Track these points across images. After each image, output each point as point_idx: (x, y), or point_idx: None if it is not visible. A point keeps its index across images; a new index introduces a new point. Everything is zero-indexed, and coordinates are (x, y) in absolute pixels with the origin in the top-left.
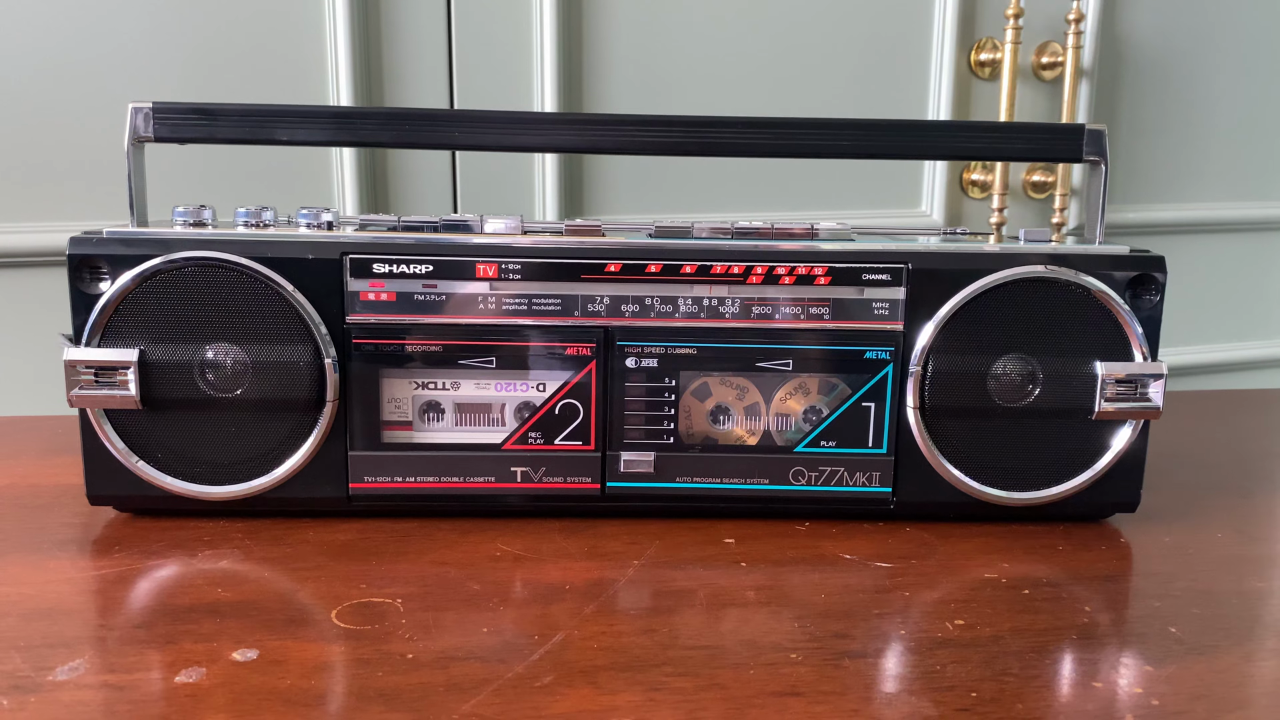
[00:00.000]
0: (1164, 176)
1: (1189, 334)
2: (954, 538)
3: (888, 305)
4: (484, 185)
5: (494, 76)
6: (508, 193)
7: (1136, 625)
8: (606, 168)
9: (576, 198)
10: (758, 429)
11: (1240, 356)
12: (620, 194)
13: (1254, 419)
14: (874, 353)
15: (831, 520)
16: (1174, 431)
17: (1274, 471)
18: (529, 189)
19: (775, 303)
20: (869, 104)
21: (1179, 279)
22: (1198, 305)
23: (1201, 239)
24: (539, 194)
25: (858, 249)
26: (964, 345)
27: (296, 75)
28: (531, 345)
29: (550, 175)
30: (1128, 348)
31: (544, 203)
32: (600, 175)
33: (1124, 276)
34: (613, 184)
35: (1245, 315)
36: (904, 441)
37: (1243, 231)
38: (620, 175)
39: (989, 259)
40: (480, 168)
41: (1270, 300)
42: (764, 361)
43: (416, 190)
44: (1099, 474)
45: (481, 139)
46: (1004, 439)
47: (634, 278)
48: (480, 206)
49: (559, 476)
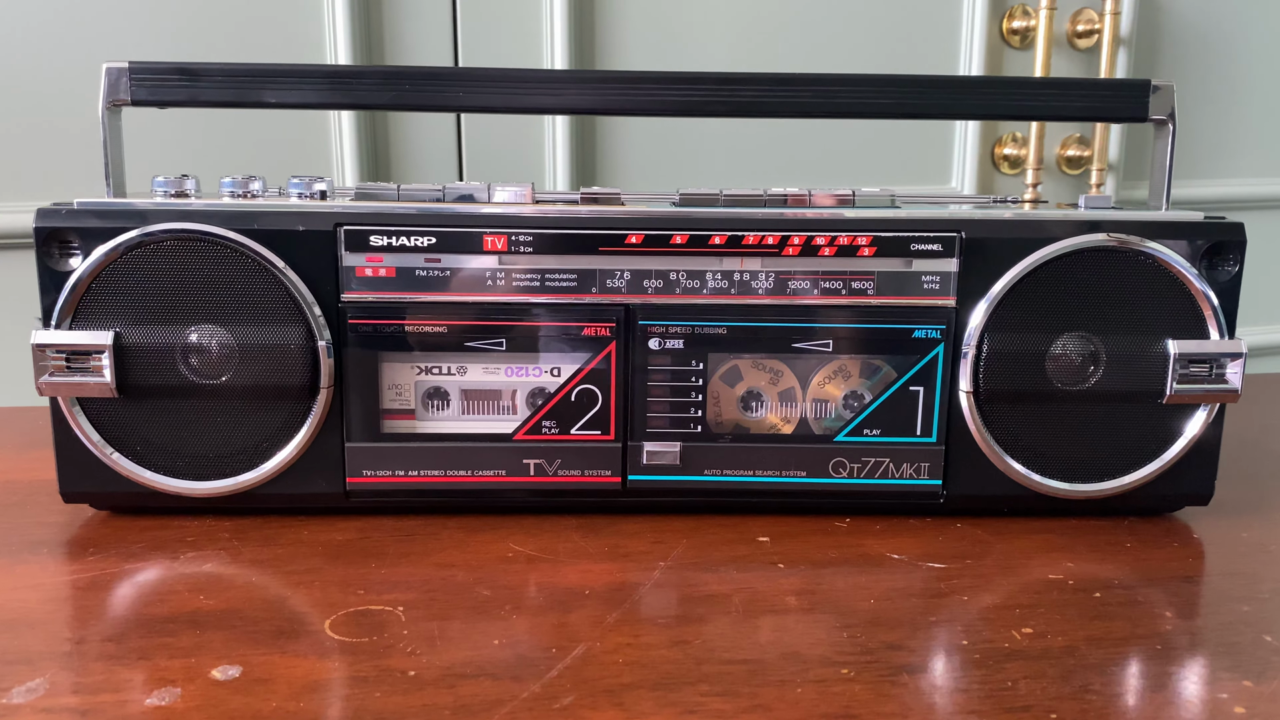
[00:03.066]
0: (1207, 151)
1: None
2: (1010, 534)
3: (939, 279)
4: (491, 152)
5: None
6: (517, 160)
7: (1226, 633)
8: (622, 133)
9: (590, 166)
10: (793, 416)
11: None
12: (637, 162)
13: None
14: (923, 331)
15: (875, 516)
16: (1245, 416)
17: None
18: (539, 156)
19: (814, 276)
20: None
21: None
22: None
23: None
24: (549, 161)
25: (905, 216)
26: (1023, 322)
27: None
28: (545, 325)
29: (561, 141)
30: (1202, 324)
31: (555, 171)
32: (616, 141)
33: (1198, 245)
34: (629, 151)
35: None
36: (956, 429)
37: None
38: (637, 141)
39: (1050, 227)
40: (487, 133)
41: None
42: (801, 342)
43: (420, 158)
44: (1169, 463)
45: (487, 100)
46: (1065, 426)
47: (657, 250)
48: (488, 175)
49: (576, 469)
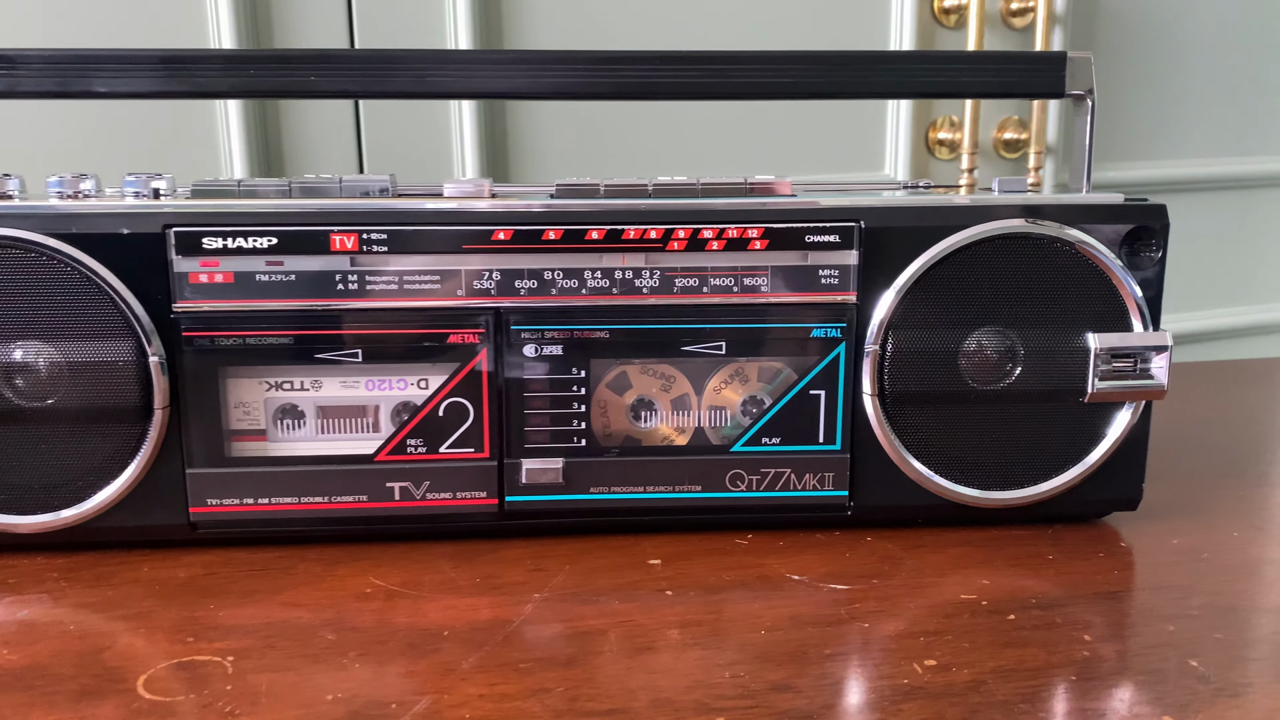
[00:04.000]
0: (1144, 131)
1: (1176, 300)
2: (924, 548)
3: (837, 272)
4: (394, 142)
5: (400, 11)
6: (422, 150)
7: (1150, 658)
8: (535, 119)
9: (501, 155)
10: (688, 426)
11: (1230, 323)
12: (553, 150)
13: (1259, 392)
14: (822, 330)
15: (779, 531)
16: (1171, 410)
17: (1263, 455)
18: (445, 145)
19: (702, 273)
20: None
21: None
22: (1183, 269)
23: (1184, 198)
24: (456, 150)
25: (799, 205)
26: (930, 318)
27: (171, 20)
28: (405, 333)
29: (469, 128)
30: (1124, 315)
31: (463, 160)
32: (529, 127)
33: (1118, 230)
34: (544, 138)
35: (1235, 278)
36: (861, 435)
37: (1228, 190)
38: (552, 128)
39: (957, 214)
40: (389, 121)
41: (1261, 261)
42: (691, 345)
43: (316, 150)
44: (1093, 467)
45: (346, 85)
46: (980, 429)
47: (528, 247)
48: (391, 167)
49: (446, 492)
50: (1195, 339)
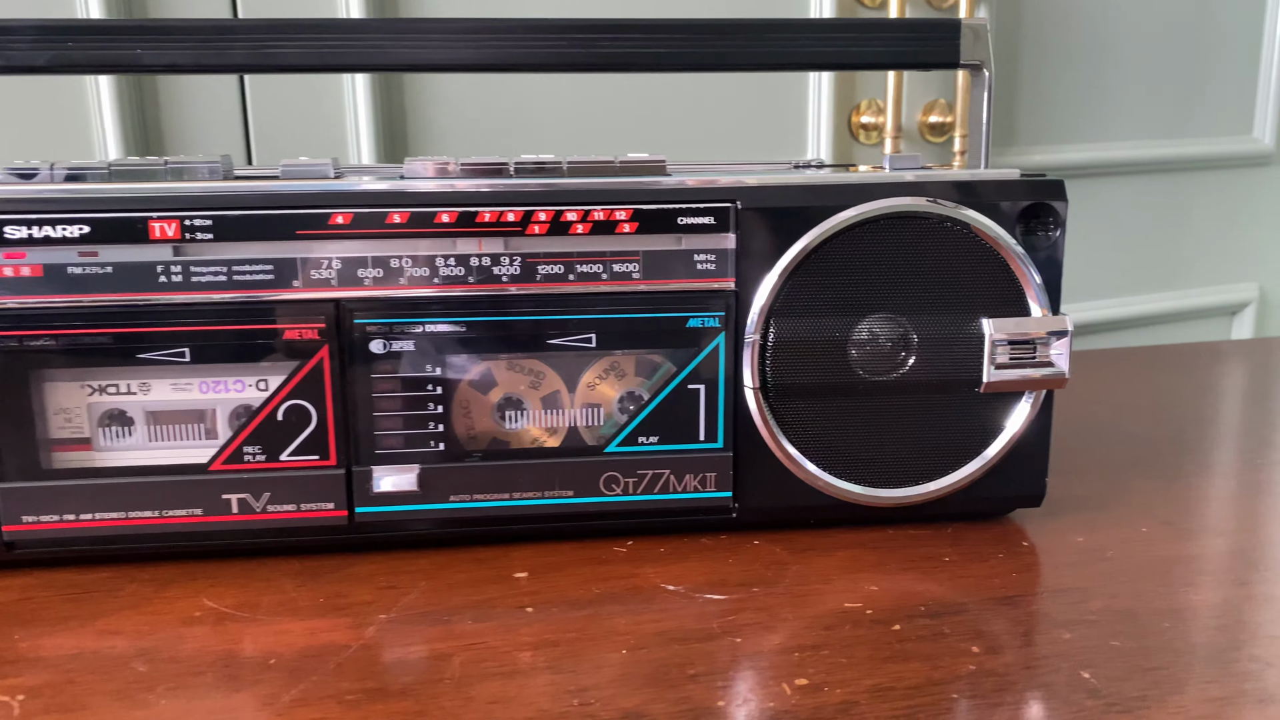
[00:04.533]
0: (1074, 114)
1: (1101, 286)
2: (813, 552)
3: (713, 257)
4: (284, 123)
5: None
6: (315, 131)
7: (1040, 670)
8: (435, 93)
9: (399, 133)
10: (560, 426)
11: (1162, 309)
12: (455, 128)
13: (1177, 379)
14: (699, 319)
15: (661, 537)
16: (1084, 399)
17: (1205, 441)
18: (339, 125)
19: (567, 259)
20: None
21: (1088, 226)
22: (1109, 254)
23: (1116, 181)
24: (351, 128)
25: (669, 185)
26: (814, 305)
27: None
28: (236, 329)
29: (363, 107)
30: (1022, 299)
31: (358, 140)
32: (429, 104)
33: (1013, 207)
34: (446, 115)
35: (1166, 262)
36: (744, 432)
37: (1159, 173)
38: (455, 103)
39: (841, 193)
40: (276, 98)
41: (1193, 245)
42: (558, 338)
43: (198, 130)
44: (992, 462)
45: (190, 56)
46: (872, 423)
47: (371, 232)
48: (280, 147)
49: (289, 504)
50: (1127, 325)
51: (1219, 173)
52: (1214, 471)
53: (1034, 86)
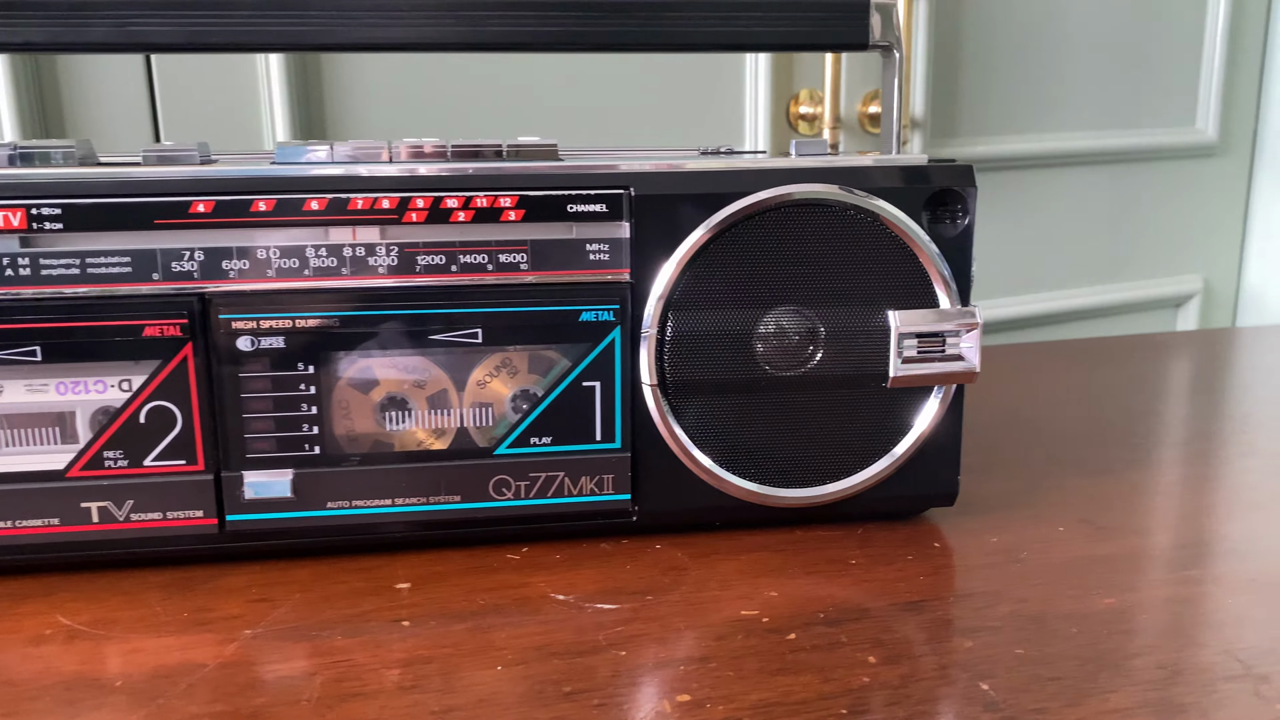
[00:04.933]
0: (1015, 105)
1: (1046, 278)
2: (716, 555)
3: (607, 246)
4: (195, 105)
5: None
6: (228, 114)
7: (937, 682)
8: (354, 73)
9: (317, 114)
10: (448, 426)
11: (1102, 301)
12: (377, 116)
13: (1112, 372)
14: (593, 313)
15: (558, 542)
16: (1013, 393)
17: (1134, 436)
18: (254, 108)
19: (449, 249)
20: None
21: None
22: (1054, 245)
23: (1062, 172)
24: (265, 111)
25: (558, 170)
26: (715, 297)
27: None
28: (91, 325)
29: (278, 89)
30: (929, 290)
31: (273, 122)
32: (347, 84)
33: (919, 194)
34: (365, 96)
35: (1113, 254)
36: (643, 431)
37: (1107, 164)
38: (375, 84)
39: (741, 179)
40: (187, 80)
41: (1140, 237)
42: (440, 333)
43: (103, 113)
44: (901, 459)
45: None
46: (777, 420)
47: (236, 221)
48: (191, 130)
49: (155, 512)
50: (1072, 317)
51: (1163, 164)
52: (1140, 467)
53: (977, 77)
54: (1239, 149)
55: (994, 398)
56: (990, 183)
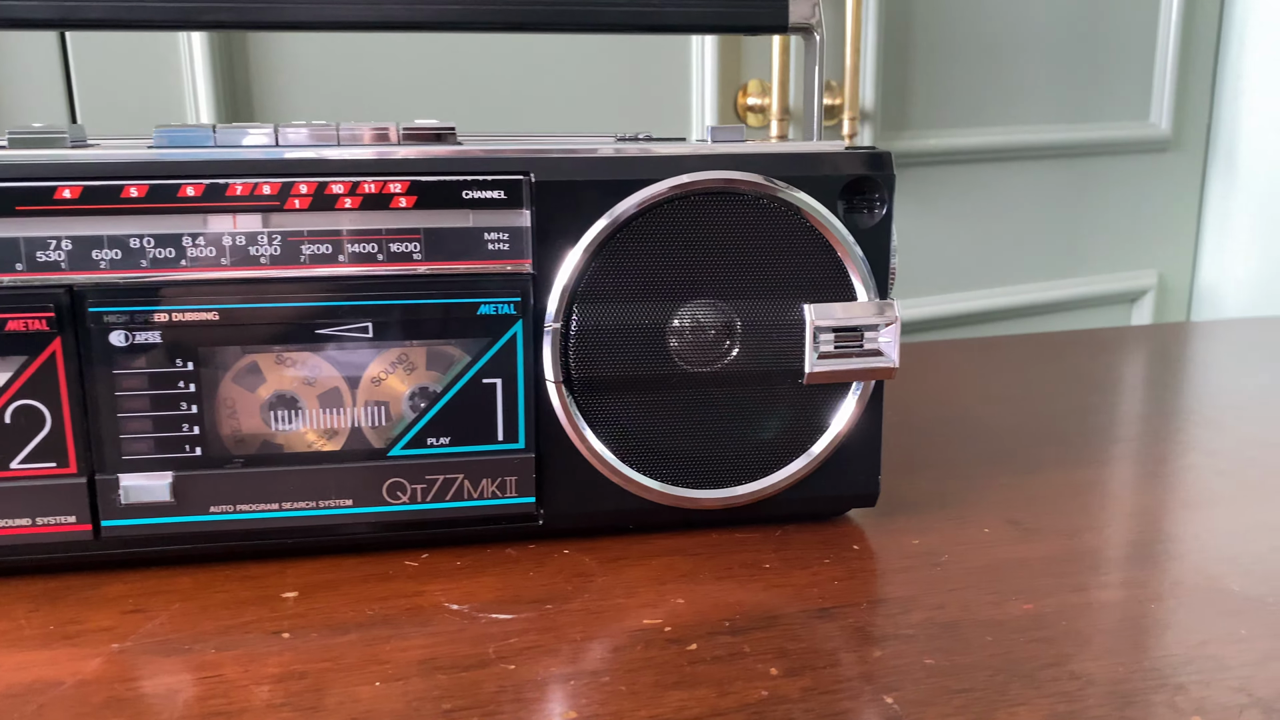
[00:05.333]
0: (967, 98)
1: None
2: (625, 561)
3: (506, 235)
4: (112, 85)
5: None
6: (148, 95)
7: (838, 695)
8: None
9: (244, 102)
10: (341, 427)
11: (1056, 296)
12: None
13: (1057, 369)
14: (492, 306)
15: (462, 548)
16: (951, 389)
17: (1072, 433)
18: (177, 89)
19: (336, 238)
20: None
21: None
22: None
23: (1012, 167)
24: (189, 92)
25: (453, 154)
26: (623, 289)
27: None
28: None
29: (201, 69)
30: (846, 283)
31: (196, 107)
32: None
33: (835, 182)
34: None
35: (1068, 249)
36: (548, 431)
37: (1060, 158)
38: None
39: (650, 165)
40: (104, 59)
41: (1088, 232)
42: (328, 327)
43: (15, 94)
44: (819, 459)
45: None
46: (690, 418)
47: (106, 207)
48: (109, 113)
49: (23, 518)
50: (1026, 312)
51: (1117, 158)
52: (1075, 465)
53: (930, 69)
54: (1193, 143)
55: (930, 394)
56: (943, 176)
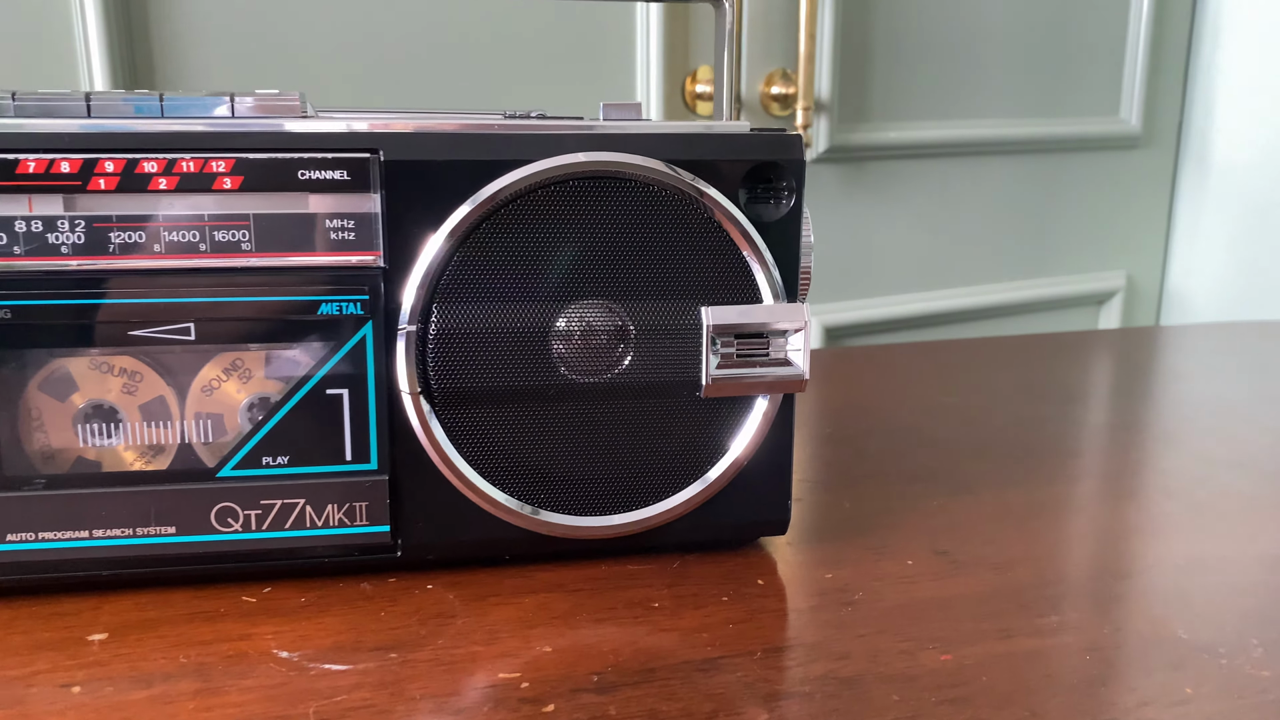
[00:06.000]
0: (932, 89)
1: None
2: (496, 598)
3: (352, 223)
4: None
5: None
6: (40, 54)
7: None
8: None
9: (144, 61)
10: (168, 442)
11: (1023, 297)
12: (214, 59)
13: (1012, 375)
14: (336, 305)
15: (311, 581)
16: (889, 400)
17: (1020, 449)
18: (69, 47)
19: (150, 224)
20: None
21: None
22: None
23: (978, 162)
24: (81, 54)
25: (287, 129)
26: (492, 285)
27: None
28: None
29: (94, 25)
30: (750, 283)
31: (89, 67)
32: (178, 28)
33: (736, 168)
34: (200, 44)
35: (1029, 249)
36: (405, 449)
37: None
38: (210, 30)
39: (521, 144)
40: None
41: (1056, 231)
42: (143, 328)
43: None
44: (719, 483)
45: None
46: (574, 436)
47: None
48: (11, 77)
49: None
50: (991, 314)
51: (1085, 155)
52: (1016, 484)
53: (888, 58)
54: (1164, 141)
55: (869, 403)
56: (903, 171)
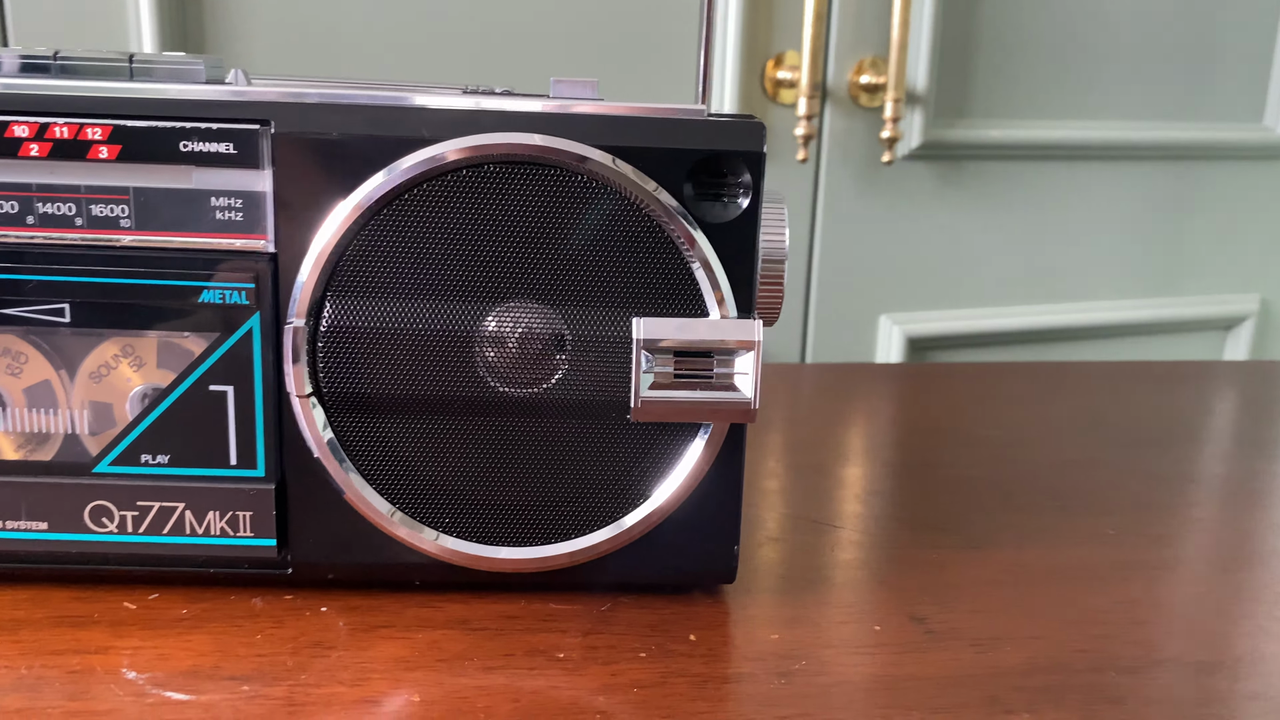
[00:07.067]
0: (1045, 85)
1: (1073, 287)
2: (389, 629)
3: (240, 202)
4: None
5: None
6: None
7: None
8: None
9: (195, 26)
10: (54, 430)
11: (1141, 318)
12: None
13: (1085, 403)
14: (218, 293)
15: (204, 589)
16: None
17: (1049, 499)
18: (119, 10)
19: (20, 194)
20: None
21: (1062, 216)
22: (1086, 250)
23: (1097, 167)
24: (132, 21)
25: (168, 94)
26: (397, 278)
27: None
28: None
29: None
30: (694, 292)
31: (139, 31)
32: None
33: (682, 159)
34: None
35: (1152, 265)
36: (296, 457)
37: (1147, 160)
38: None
39: (432, 121)
40: None
41: (1183, 247)
42: (14, 306)
43: None
44: (647, 521)
45: None
46: (489, 454)
47: None
48: (52, 40)
49: None
50: (1102, 334)
51: (1220, 164)
52: (1034, 543)
53: (995, 47)
54: None
55: (901, 431)
56: (1006, 172)
